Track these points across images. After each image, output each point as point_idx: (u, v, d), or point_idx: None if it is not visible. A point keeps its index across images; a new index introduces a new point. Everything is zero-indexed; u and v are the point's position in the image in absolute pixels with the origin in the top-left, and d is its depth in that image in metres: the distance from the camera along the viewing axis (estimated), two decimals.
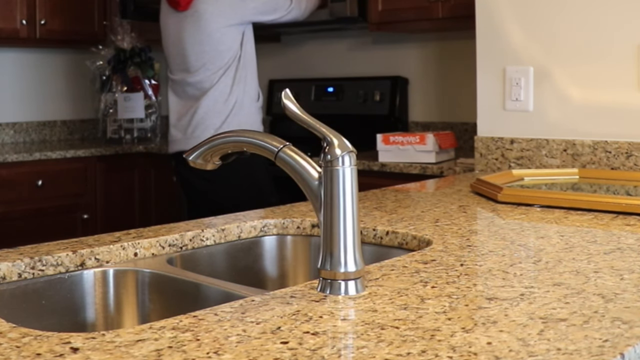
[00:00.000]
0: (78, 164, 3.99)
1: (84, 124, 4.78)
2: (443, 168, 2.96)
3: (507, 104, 2.59)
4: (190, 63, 3.19)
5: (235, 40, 3.16)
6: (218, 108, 3.16)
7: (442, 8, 3.38)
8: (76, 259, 1.36)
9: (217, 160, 1.24)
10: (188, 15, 3.16)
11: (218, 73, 3.16)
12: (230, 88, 3.17)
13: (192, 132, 3.19)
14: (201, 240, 1.55)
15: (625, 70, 2.34)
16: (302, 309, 1.00)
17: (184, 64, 3.21)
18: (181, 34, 3.19)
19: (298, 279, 1.64)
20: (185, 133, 3.21)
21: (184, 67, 3.22)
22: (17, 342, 0.89)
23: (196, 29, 3.14)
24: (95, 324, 1.38)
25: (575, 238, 1.46)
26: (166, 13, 3.27)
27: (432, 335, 0.89)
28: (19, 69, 4.51)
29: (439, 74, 3.90)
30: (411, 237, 1.51)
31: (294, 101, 1.11)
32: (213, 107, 3.16)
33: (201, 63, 3.16)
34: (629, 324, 0.93)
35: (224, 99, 3.17)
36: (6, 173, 3.72)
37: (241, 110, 3.17)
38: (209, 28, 3.13)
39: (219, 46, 3.14)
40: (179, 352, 0.84)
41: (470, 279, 1.16)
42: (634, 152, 2.29)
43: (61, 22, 4.22)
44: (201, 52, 3.16)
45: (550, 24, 2.48)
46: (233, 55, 3.17)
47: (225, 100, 3.17)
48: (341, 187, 1.07)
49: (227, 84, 3.17)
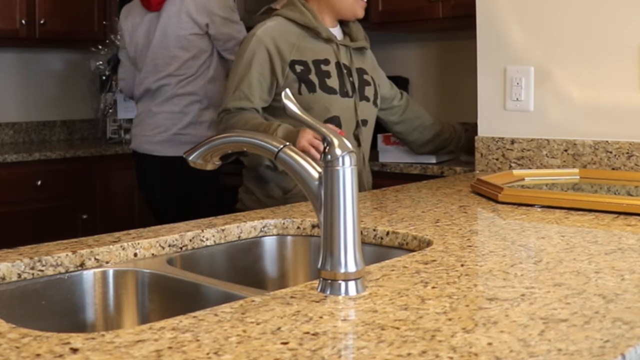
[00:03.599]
0: (78, 164, 3.99)
1: (84, 124, 4.78)
2: (443, 168, 2.96)
3: (508, 104, 2.59)
4: (158, 65, 3.17)
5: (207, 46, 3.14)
6: (185, 110, 3.14)
7: (443, 8, 3.37)
8: (76, 260, 1.36)
9: (217, 160, 1.24)
10: (159, 16, 3.14)
11: (186, 76, 3.13)
12: (200, 91, 3.15)
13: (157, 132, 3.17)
14: (201, 240, 1.55)
15: (626, 70, 2.34)
16: (302, 309, 1.00)
17: (152, 65, 3.19)
18: (150, 35, 3.17)
19: (298, 280, 1.64)
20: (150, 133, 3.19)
21: (152, 68, 3.19)
22: (16, 343, 0.89)
23: (166, 31, 3.11)
24: (95, 325, 1.37)
25: (576, 238, 1.46)
26: (136, 13, 3.24)
27: (432, 335, 0.89)
28: (19, 69, 4.50)
29: (439, 74, 3.90)
30: (411, 237, 1.51)
31: (294, 101, 1.11)
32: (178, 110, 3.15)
33: (170, 65, 3.14)
34: (629, 324, 0.93)
35: (188, 102, 3.15)
36: (6, 173, 3.72)
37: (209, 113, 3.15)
38: (178, 31, 3.10)
39: (188, 50, 3.12)
40: (179, 352, 0.84)
41: (471, 280, 1.16)
42: (634, 152, 2.29)
43: (61, 22, 4.21)
44: (169, 55, 3.13)
45: (551, 23, 2.48)
46: (203, 61, 3.15)
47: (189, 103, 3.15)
48: (341, 187, 1.07)
49: (197, 86, 3.14)
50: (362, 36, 2.34)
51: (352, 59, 2.24)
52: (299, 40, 2.21)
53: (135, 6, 3.28)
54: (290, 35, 2.21)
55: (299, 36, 2.22)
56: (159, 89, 3.19)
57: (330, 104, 2.18)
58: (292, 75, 2.18)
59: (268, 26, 2.26)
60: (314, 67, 2.18)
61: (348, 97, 2.22)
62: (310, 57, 2.20)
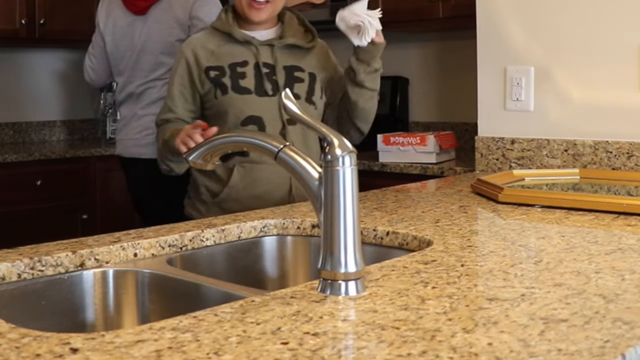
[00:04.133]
0: (78, 164, 3.99)
1: (84, 124, 4.78)
2: (443, 168, 2.96)
3: (508, 104, 2.59)
4: (143, 70, 3.14)
5: None
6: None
7: (443, 8, 3.37)
8: (76, 260, 1.36)
9: (217, 160, 1.24)
10: (144, 20, 3.12)
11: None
12: None
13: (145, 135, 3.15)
14: (201, 240, 1.55)
15: (626, 70, 2.34)
16: (302, 309, 1.00)
17: (136, 70, 3.16)
18: (135, 40, 3.14)
19: (298, 280, 1.64)
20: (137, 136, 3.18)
21: (136, 73, 3.17)
22: (16, 343, 0.89)
23: (152, 36, 3.09)
24: (95, 325, 1.37)
25: (576, 238, 1.46)
26: (119, 15, 3.21)
27: (432, 335, 0.89)
28: (19, 69, 4.51)
29: (439, 74, 3.90)
30: (412, 237, 1.51)
31: (294, 101, 1.11)
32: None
33: (156, 71, 3.12)
34: (630, 324, 0.93)
35: None
36: (6, 173, 3.72)
37: None
38: (165, 37, 3.09)
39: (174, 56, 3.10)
40: (179, 352, 0.84)
41: (471, 280, 1.16)
42: (634, 152, 2.29)
43: (61, 22, 4.21)
44: (155, 61, 3.11)
45: (551, 23, 2.48)
46: None
47: None
48: (341, 187, 1.07)
49: None
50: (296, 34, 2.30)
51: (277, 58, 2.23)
52: (219, 47, 2.24)
53: (116, 7, 3.21)
54: (211, 43, 2.25)
55: (219, 43, 2.25)
56: (143, 92, 3.16)
57: (244, 104, 2.18)
58: (207, 82, 2.21)
59: (192, 37, 2.34)
60: (229, 70, 2.21)
61: (267, 96, 2.20)
62: (227, 62, 2.22)
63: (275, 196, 2.16)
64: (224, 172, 2.20)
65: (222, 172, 2.20)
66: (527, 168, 2.48)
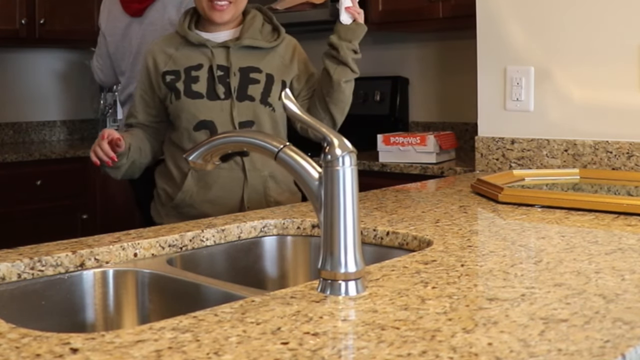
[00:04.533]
0: (78, 164, 3.99)
1: (84, 124, 4.78)
2: (443, 168, 2.96)
3: (508, 104, 2.59)
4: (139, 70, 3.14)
5: None
6: None
7: (443, 8, 3.37)
8: (76, 260, 1.36)
9: (216, 160, 1.24)
10: (140, 22, 3.11)
11: None
12: None
13: None
14: (201, 240, 1.55)
15: (626, 70, 2.34)
16: (302, 309, 1.00)
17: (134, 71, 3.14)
18: (132, 41, 3.14)
19: (298, 280, 1.64)
20: None
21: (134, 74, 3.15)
22: (16, 343, 0.89)
23: (147, 38, 3.08)
24: (95, 325, 1.37)
25: (576, 238, 1.46)
26: (116, 16, 3.21)
27: (432, 335, 0.89)
28: (19, 69, 4.51)
29: (439, 74, 3.90)
30: (412, 237, 1.51)
31: (294, 101, 1.11)
32: None
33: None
34: (630, 324, 0.93)
35: None
36: (6, 173, 3.72)
37: None
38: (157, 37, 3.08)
39: None
40: (179, 352, 0.84)
41: (471, 280, 1.16)
42: (635, 152, 2.29)
43: (61, 22, 4.22)
44: None
45: (551, 23, 2.48)
46: None
47: None
48: (341, 187, 1.07)
49: None
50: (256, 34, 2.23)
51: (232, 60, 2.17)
52: (176, 50, 2.21)
53: (114, 8, 3.20)
54: (170, 47, 2.23)
55: (177, 46, 2.22)
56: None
57: (196, 108, 2.14)
58: (163, 86, 2.19)
59: (153, 42, 2.31)
60: (185, 74, 2.17)
61: (219, 99, 2.15)
62: (183, 65, 2.19)
63: (229, 202, 2.12)
64: (179, 176, 2.18)
65: (177, 176, 2.18)
66: (527, 168, 2.48)
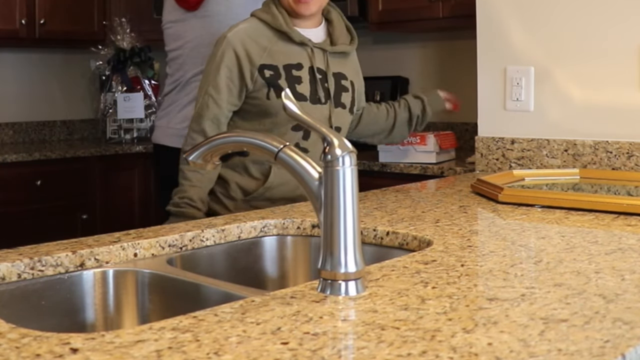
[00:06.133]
0: (78, 164, 3.99)
1: (84, 124, 4.78)
2: (443, 168, 2.96)
3: (508, 104, 2.59)
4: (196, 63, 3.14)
5: None
6: None
7: (443, 8, 3.38)
8: (76, 260, 1.36)
9: (217, 160, 1.24)
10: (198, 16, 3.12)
11: None
12: None
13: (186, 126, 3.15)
14: (201, 240, 1.55)
15: (626, 70, 2.34)
16: (302, 309, 1.00)
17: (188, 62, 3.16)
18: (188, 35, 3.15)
19: (298, 280, 1.64)
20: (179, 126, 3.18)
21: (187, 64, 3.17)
22: (16, 343, 0.89)
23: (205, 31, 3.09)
24: (95, 325, 1.37)
25: (576, 238, 1.46)
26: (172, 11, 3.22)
27: (432, 335, 0.89)
28: (19, 69, 4.51)
29: (439, 74, 3.90)
30: (412, 237, 1.51)
31: (295, 101, 1.11)
32: None
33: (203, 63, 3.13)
34: (630, 324, 0.93)
35: None
36: (6, 173, 3.72)
37: None
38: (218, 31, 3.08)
39: None
40: (179, 352, 0.84)
41: (471, 280, 1.16)
42: (635, 152, 2.29)
43: (61, 22, 4.22)
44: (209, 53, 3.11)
45: (551, 23, 2.48)
46: None
47: None
48: (341, 187, 1.07)
49: None
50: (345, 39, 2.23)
51: (329, 64, 2.15)
52: (271, 43, 2.13)
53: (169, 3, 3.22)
54: (262, 38, 2.14)
55: (271, 39, 2.14)
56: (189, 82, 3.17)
57: None
58: (260, 80, 2.10)
59: (239, 28, 2.19)
60: (285, 72, 2.11)
61: (320, 103, 2.13)
62: (281, 62, 2.12)
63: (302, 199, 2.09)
64: (260, 171, 2.17)
65: (257, 171, 2.17)
66: (527, 168, 2.48)
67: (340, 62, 2.20)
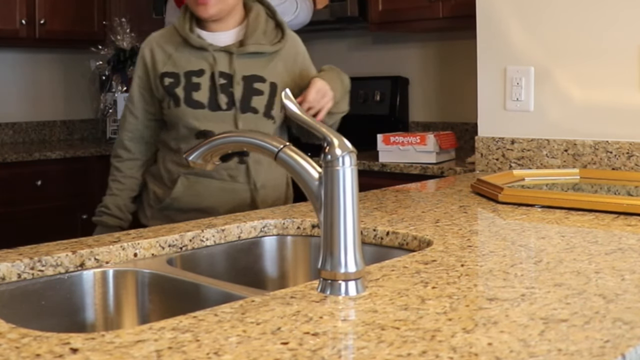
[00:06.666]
0: (78, 164, 3.99)
1: (84, 124, 4.78)
2: (443, 168, 2.96)
3: (508, 104, 2.59)
4: None
5: None
6: None
7: (443, 8, 3.38)
8: (76, 260, 1.36)
9: (217, 160, 1.24)
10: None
11: None
12: None
13: None
14: (201, 240, 1.55)
15: (626, 70, 2.34)
16: (302, 309, 1.00)
17: None
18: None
19: (298, 280, 1.64)
20: None
21: None
22: (16, 343, 0.89)
23: None
24: (95, 325, 1.37)
25: (576, 238, 1.46)
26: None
27: (432, 335, 0.89)
28: (19, 69, 4.50)
29: (439, 74, 3.90)
30: (412, 237, 1.51)
31: (295, 101, 1.11)
32: None
33: None
34: (630, 324, 0.93)
35: None
36: (6, 173, 3.72)
37: None
38: None
39: None
40: (179, 352, 0.84)
41: (471, 280, 1.16)
42: (635, 152, 2.29)
43: (61, 22, 4.22)
44: None
45: (551, 23, 2.48)
46: None
47: None
48: (341, 187, 1.07)
49: None
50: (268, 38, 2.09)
51: (236, 67, 2.03)
52: (176, 50, 2.06)
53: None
54: (169, 45, 2.08)
55: (178, 46, 2.06)
56: None
57: (196, 119, 2.01)
58: (161, 89, 2.06)
59: (153, 35, 2.14)
60: (185, 79, 2.03)
61: (221, 110, 2.01)
62: (183, 68, 2.04)
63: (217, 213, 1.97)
64: (169, 180, 2.10)
65: (168, 180, 2.10)
66: (527, 168, 2.48)
67: (257, 63, 2.07)
